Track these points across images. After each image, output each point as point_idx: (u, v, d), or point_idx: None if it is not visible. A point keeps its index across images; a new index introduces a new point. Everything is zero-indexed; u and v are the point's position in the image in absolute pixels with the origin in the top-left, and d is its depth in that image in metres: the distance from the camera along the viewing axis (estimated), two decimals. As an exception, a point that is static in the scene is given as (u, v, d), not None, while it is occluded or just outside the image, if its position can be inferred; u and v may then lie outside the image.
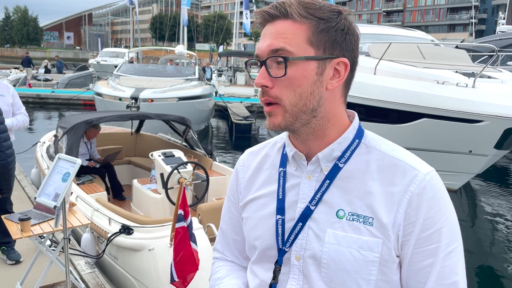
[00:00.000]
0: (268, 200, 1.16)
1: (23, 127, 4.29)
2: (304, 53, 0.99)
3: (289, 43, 0.98)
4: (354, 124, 1.10)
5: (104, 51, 33.18)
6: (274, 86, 1.01)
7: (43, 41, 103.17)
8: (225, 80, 24.83)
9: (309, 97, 1.01)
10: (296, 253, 1.08)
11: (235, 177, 1.30)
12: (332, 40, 1.00)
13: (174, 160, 5.14)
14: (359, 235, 1.02)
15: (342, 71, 1.03)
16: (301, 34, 0.99)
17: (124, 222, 4.09)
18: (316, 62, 1.00)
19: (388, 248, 1.01)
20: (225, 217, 1.35)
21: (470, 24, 52.71)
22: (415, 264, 1.02)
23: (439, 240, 1.00)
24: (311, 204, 1.07)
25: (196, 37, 60.49)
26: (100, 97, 11.97)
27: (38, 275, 3.73)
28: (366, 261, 1.01)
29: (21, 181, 6.84)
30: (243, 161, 1.29)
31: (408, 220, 1.00)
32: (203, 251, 3.63)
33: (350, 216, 1.03)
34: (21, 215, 3.36)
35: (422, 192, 1.00)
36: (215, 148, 13.22)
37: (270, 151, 1.23)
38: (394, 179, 1.03)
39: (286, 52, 0.98)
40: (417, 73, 7.34)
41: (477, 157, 6.89)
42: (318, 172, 1.09)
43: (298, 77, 0.99)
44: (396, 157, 1.05)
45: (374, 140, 1.10)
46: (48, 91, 20.09)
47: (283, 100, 1.01)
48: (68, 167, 3.28)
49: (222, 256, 1.37)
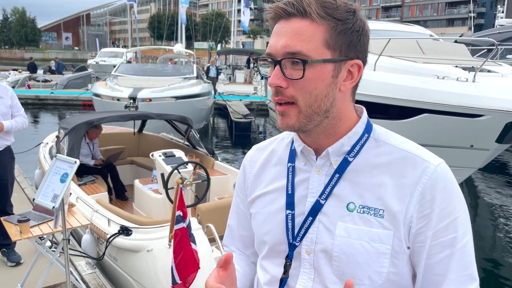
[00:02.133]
0: (277, 195, 1.16)
1: (22, 128, 4.28)
2: (321, 55, 0.98)
3: (306, 46, 0.97)
4: (363, 119, 1.11)
5: (102, 51, 33.07)
6: (288, 86, 1.00)
7: (42, 42, 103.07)
8: (224, 78, 24.80)
9: (323, 99, 1.01)
10: (306, 247, 1.09)
11: (242, 173, 1.31)
12: (348, 42, 1.00)
13: (175, 160, 5.12)
14: (370, 227, 1.02)
15: (356, 73, 1.03)
16: (319, 35, 0.97)
17: (123, 223, 4.09)
18: (333, 64, 1.00)
19: (399, 240, 1.01)
20: (233, 213, 1.37)
21: (468, 18, 52.63)
22: (432, 256, 1.01)
23: (456, 230, 1.00)
24: (321, 198, 1.07)
25: (194, 35, 60.44)
26: (98, 98, 11.97)
27: (39, 276, 3.72)
28: (378, 253, 1.01)
29: (21, 182, 6.83)
30: (250, 156, 1.30)
31: (423, 212, 1.00)
32: (203, 251, 3.61)
33: (360, 209, 1.04)
34: (20, 217, 3.35)
35: (435, 184, 1.00)
36: (215, 146, 13.19)
37: (278, 147, 1.24)
38: (405, 171, 1.03)
39: (303, 55, 0.97)
40: (417, 68, 7.31)
41: (478, 151, 6.85)
42: (327, 166, 1.09)
43: (314, 79, 0.99)
44: (405, 150, 1.06)
45: (382, 134, 1.11)
46: (47, 92, 20.08)
47: (299, 101, 1.00)
48: (66, 168, 3.25)
49: (229, 250, 1.39)
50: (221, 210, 4.37)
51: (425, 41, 9.36)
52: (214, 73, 20.35)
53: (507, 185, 9.72)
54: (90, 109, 15.46)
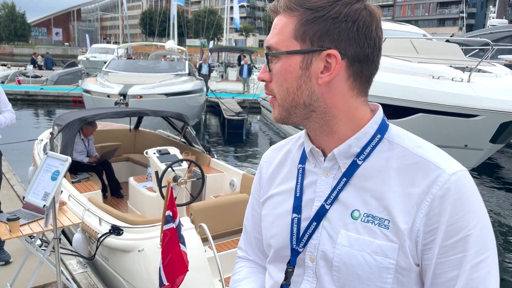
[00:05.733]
0: (286, 197, 1.11)
1: (10, 124, 4.19)
2: (288, 47, 0.96)
3: (276, 39, 0.98)
4: (376, 118, 1.01)
5: (93, 47, 32.78)
6: (272, 80, 1.01)
7: (31, 38, 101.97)
8: (216, 76, 24.70)
9: (296, 92, 0.98)
10: (310, 254, 1.02)
11: (258, 174, 1.25)
12: (321, 31, 0.93)
13: (169, 157, 5.04)
14: (373, 238, 0.94)
15: (333, 64, 0.93)
16: (289, 27, 0.96)
17: (114, 223, 4.02)
18: (300, 56, 0.95)
19: (405, 255, 0.92)
20: (249, 215, 1.31)
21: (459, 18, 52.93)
22: (438, 276, 0.92)
23: (466, 249, 0.89)
24: (326, 202, 1.01)
25: (186, 32, 60.10)
26: (88, 94, 11.83)
27: (29, 275, 3.65)
28: (380, 267, 0.93)
29: (10, 179, 6.72)
30: (266, 157, 1.25)
31: (430, 226, 0.90)
32: (195, 251, 3.56)
33: (365, 218, 0.95)
34: (9, 215, 3.27)
35: (446, 195, 0.89)
36: (207, 144, 13.10)
37: (293, 147, 1.18)
38: (415, 179, 0.93)
39: (273, 49, 0.99)
40: (411, 68, 7.32)
41: (472, 151, 6.88)
42: (336, 169, 1.02)
43: (282, 72, 0.98)
44: (419, 155, 0.95)
45: (398, 135, 1.01)
46: (37, 88, 19.81)
47: (276, 93, 1.02)
48: (57, 165, 3.17)
49: (245, 255, 1.33)
50: (215, 209, 4.32)
51: (419, 40, 9.39)
52: (206, 71, 20.27)
53: (498, 185, 9.77)
54: (80, 106, 15.28)
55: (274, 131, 15.10)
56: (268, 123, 16.47)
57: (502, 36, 15.98)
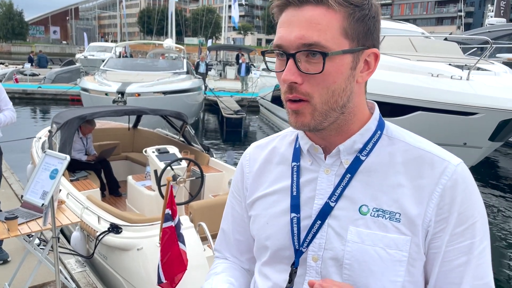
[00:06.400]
0: (280, 197, 1.07)
1: (10, 123, 4.17)
2: (339, 46, 0.89)
3: (323, 36, 0.87)
4: (375, 115, 1.03)
5: (91, 45, 32.69)
6: (304, 82, 0.91)
7: (29, 36, 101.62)
8: (214, 74, 24.67)
9: (341, 93, 0.93)
10: (313, 254, 1.00)
11: (240, 172, 1.21)
12: (366, 30, 0.92)
13: (168, 156, 5.02)
14: (385, 232, 0.94)
15: (372, 63, 0.96)
16: (336, 24, 0.89)
17: (113, 221, 4.00)
18: (351, 55, 0.92)
19: (417, 246, 0.94)
20: (228, 215, 1.27)
21: (457, 17, 52.94)
22: (447, 263, 0.94)
23: (473, 236, 0.93)
24: (330, 200, 0.99)
25: (184, 31, 60.03)
26: (86, 93, 11.79)
27: (27, 275, 3.62)
28: (394, 260, 0.93)
29: (8, 178, 6.68)
30: (249, 154, 1.20)
31: (441, 215, 0.93)
32: (194, 250, 3.55)
33: (374, 212, 0.95)
34: (7, 214, 3.24)
35: (455, 185, 0.93)
36: (206, 142, 13.09)
37: (279, 144, 1.14)
38: (422, 171, 0.95)
39: (321, 47, 0.88)
40: (410, 66, 7.32)
41: (471, 149, 6.89)
42: (337, 165, 1.01)
43: (333, 73, 0.90)
44: (422, 148, 0.98)
45: (396, 131, 1.03)
46: (34, 86, 19.75)
47: (315, 97, 0.92)
48: (56, 164, 3.14)
49: (222, 256, 1.30)
50: (214, 208, 4.30)
51: (418, 38, 9.39)
52: (204, 69, 20.23)
53: (497, 183, 9.77)
54: (78, 104, 15.24)
55: (272, 129, 15.08)
56: (266, 122, 16.45)
57: (501, 34, 16.00)
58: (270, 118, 15.75)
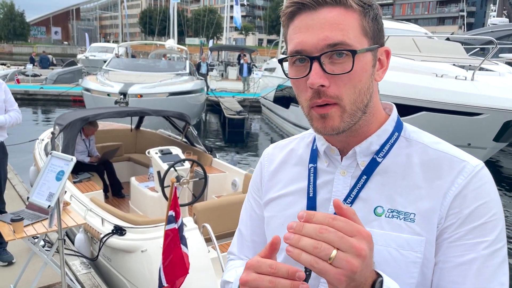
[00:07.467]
0: (296, 198, 1.06)
1: (16, 124, 4.17)
2: (362, 44, 0.90)
3: (347, 35, 0.88)
4: (393, 116, 1.03)
5: (93, 46, 32.69)
6: (330, 84, 0.89)
7: (30, 37, 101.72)
8: (216, 75, 24.66)
9: (366, 92, 0.93)
10: None
11: (259, 172, 1.20)
12: (379, 28, 0.95)
13: (171, 157, 5.01)
14: (399, 232, 0.92)
15: (385, 60, 0.98)
16: (355, 23, 0.90)
17: (117, 223, 3.99)
18: (371, 53, 0.93)
19: (431, 246, 0.91)
20: (246, 216, 1.24)
21: (459, 17, 52.91)
22: (450, 260, 0.90)
23: (483, 235, 0.88)
24: (346, 201, 0.98)
25: (186, 31, 60.05)
26: (88, 93, 11.78)
27: (33, 276, 3.61)
28: (407, 262, 0.91)
29: (11, 179, 6.68)
30: (267, 154, 1.20)
31: (452, 210, 0.90)
32: (198, 251, 3.54)
33: (389, 213, 0.94)
34: (13, 216, 3.24)
35: (469, 183, 0.91)
36: (208, 143, 13.08)
37: (297, 146, 1.14)
38: (440, 172, 0.93)
39: (347, 46, 0.87)
40: (415, 66, 7.31)
41: (476, 150, 6.85)
42: (353, 167, 1.00)
43: (359, 71, 0.90)
44: (440, 150, 0.97)
45: (414, 132, 1.02)
46: (36, 87, 19.75)
47: (344, 99, 0.90)
48: (62, 165, 3.14)
49: (237, 258, 1.27)
50: (218, 209, 4.29)
51: (421, 39, 9.37)
52: (205, 70, 20.22)
53: (501, 183, 9.75)
54: (80, 105, 15.25)
55: (274, 130, 15.07)
56: (268, 122, 16.44)
57: (504, 34, 15.97)
58: (272, 118, 15.74)
